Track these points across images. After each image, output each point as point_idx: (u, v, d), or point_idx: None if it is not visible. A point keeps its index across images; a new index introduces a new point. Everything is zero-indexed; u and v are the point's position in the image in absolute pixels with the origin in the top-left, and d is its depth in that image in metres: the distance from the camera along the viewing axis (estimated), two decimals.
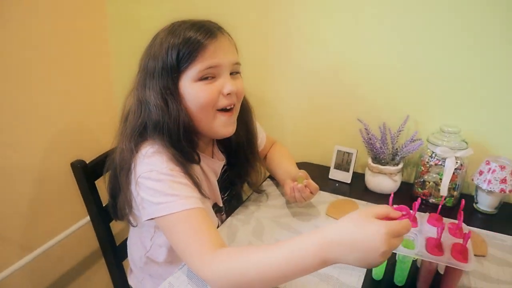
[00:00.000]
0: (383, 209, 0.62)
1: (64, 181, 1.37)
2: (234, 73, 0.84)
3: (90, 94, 1.49)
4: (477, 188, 1.04)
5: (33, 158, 1.30)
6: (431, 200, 1.06)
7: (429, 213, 0.80)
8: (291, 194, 0.94)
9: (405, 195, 1.11)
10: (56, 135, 1.37)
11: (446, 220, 0.79)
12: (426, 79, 1.11)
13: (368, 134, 1.11)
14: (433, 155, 1.04)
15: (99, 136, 1.54)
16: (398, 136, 1.10)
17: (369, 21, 1.13)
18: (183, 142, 0.81)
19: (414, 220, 0.77)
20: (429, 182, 1.05)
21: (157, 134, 0.80)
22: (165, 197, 0.74)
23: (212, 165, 0.94)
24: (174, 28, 0.79)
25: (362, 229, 0.58)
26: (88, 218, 1.07)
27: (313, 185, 0.94)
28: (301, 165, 1.14)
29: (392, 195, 0.77)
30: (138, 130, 0.81)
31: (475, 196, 1.06)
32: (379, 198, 1.09)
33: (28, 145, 1.28)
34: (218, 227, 0.96)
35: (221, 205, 0.98)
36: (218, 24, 0.83)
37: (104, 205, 1.07)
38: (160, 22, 0.84)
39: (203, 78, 0.79)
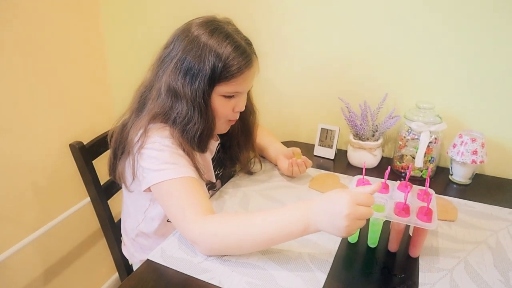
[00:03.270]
0: (362, 188, 0.72)
1: (63, 163, 1.44)
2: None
3: (87, 82, 1.55)
4: (452, 160, 1.11)
5: (34, 142, 1.36)
6: None
7: (400, 181, 0.86)
8: (290, 169, 1.06)
9: (385, 169, 1.17)
10: (56, 121, 1.43)
11: (415, 187, 0.85)
12: (403, 59, 1.16)
13: (350, 112, 1.17)
14: (410, 130, 1.10)
15: (98, 122, 1.60)
16: (377, 113, 1.16)
17: (348, 4, 1.18)
18: (203, 141, 0.90)
19: (385, 187, 0.84)
20: (407, 156, 1.12)
21: (175, 126, 0.87)
22: (165, 165, 0.81)
23: (210, 145, 1.00)
24: (220, 38, 0.83)
25: (332, 198, 0.70)
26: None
27: (309, 161, 1.08)
28: (287, 144, 1.21)
29: (364, 165, 0.84)
30: (161, 115, 0.87)
31: (450, 168, 1.13)
32: (360, 172, 1.14)
33: (26, 131, 1.33)
34: None
35: (214, 181, 1.05)
36: (252, 47, 0.90)
37: (102, 184, 1.15)
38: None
39: (225, 96, 0.88)
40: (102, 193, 1.14)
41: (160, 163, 0.82)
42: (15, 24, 1.23)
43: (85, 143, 1.10)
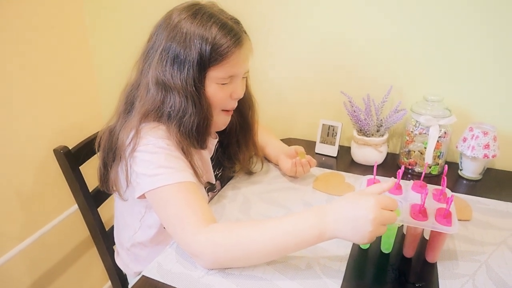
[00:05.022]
0: (375, 187, 0.68)
1: (50, 169, 1.36)
2: (243, 77, 0.88)
3: (73, 83, 1.47)
4: (461, 155, 1.05)
5: (18, 148, 1.28)
6: (417, 169, 1.07)
7: (414, 180, 0.80)
8: (293, 169, 0.99)
9: (391, 166, 1.12)
10: (41, 124, 1.35)
11: (430, 187, 0.79)
12: (407, 49, 1.10)
13: (352, 107, 1.11)
14: (417, 124, 1.04)
15: (85, 125, 1.52)
16: (382, 107, 1.10)
17: None
18: (201, 134, 0.82)
19: (398, 188, 0.78)
20: (414, 152, 1.06)
21: (171, 121, 0.80)
22: (160, 169, 0.74)
23: (208, 143, 0.94)
24: (203, 20, 0.77)
25: (354, 202, 0.65)
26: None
27: (313, 160, 1.02)
28: (287, 141, 1.14)
29: (375, 164, 0.77)
30: (153, 112, 0.80)
31: (460, 163, 1.08)
32: (365, 170, 1.10)
33: (10, 135, 1.25)
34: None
35: (214, 182, 0.99)
36: (241, 25, 0.84)
37: (90, 191, 1.07)
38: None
39: (218, 82, 0.81)
40: (91, 200, 1.06)
41: (154, 167, 0.75)
42: None
43: (71, 148, 1.02)
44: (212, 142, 0.96)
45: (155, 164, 0.75)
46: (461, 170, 1.07)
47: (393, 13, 1.09)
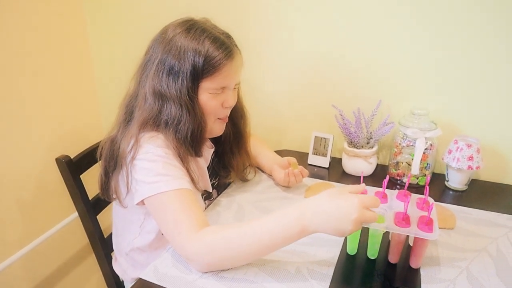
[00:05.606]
0: (358, 187, 0.73)
1: (50, 177, 1.40)
2: (234, 87, 0.92)
3: (73, 92, 1.51)
4: (447, 166, 1.10)
5: (18, 156, 1.31)
6: (405, 179, 1.11)
7: (396, 188, 0.84)
8: (286, 179, 1.04)
9: (381, 177, 1.16)
10: (41, 133, 1.38)
11: (414, 196, 0.83)
12: (396, 65, 1.16)
13: (343, 120, 1.15)
14: (405, 137, 1.09)
15: (84, 133, 1.56)
16: (371, 120, 1.15)
17: (341, 11, 1.17)
18: (196, 140, 0.87)
19: (384, 197, 0.82)
20: (402, 163, 1.10)
21: (168, 129, 0.85)
22: (158, 177, 0.79)
23: (204, 153, 0.98)
24: (197, 34, 0.83)
25: (337, 200, 0.69)
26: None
27: (305, 170, 1.07)
28: (281, 153, 1.19)
29: (362, 174, 0.82)
30: (151, 120, 0.85)
31: (446, 174, 1.12)
32: (355, 180, 1.13)
33: (11, 142, 1.29)
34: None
35: (210, 190, 1.03)
36: (232, 39, 0.90)
37: (90, 199, 1.11)
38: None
39: (211, 92, 0.86)
40: (91, 208, 1.10)
41: (153, 175, 0.80)
42: None
43: (72, 157, 1.06)
44: (208, 152, 1.00)
45: (154, 172, 0.80)
46: (447, 181, 1.12)
47: (382, 31, 1.14)
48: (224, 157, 1.06)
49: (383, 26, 1.14)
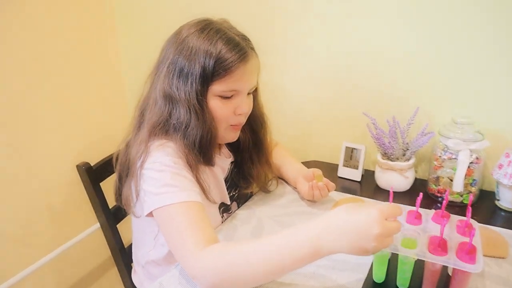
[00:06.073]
0: (394, 210, 0.61)
1: (77, 184, 1.40)
2: (249, 93, 0.87)
3: (103, 99, 1.52)
4: (498, 183, 0.96)
5: (45, 162, 1.33)
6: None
7: (435, 209, 0.74)
8: (310, 192, 0.96)
9: (419, 193, 1.04)
10: (71, 139, 1.40)
11: (454, 218, 0.72)
12: (435, 68, 1.04)
13: (376, 129, 1.05)
14: (446, 149, 0.97)
15: (110, 139, 1.56)
16: (408, 129, 1.04)
17: (377, 11, 1.08)
18: (205, 147, 0.83)
19: (417, 217, 0.72)
20: (443, 178, 0.98)
21: (177, 134, 0.81)
22: (165, 188, 0.75)
23: (220, 162, 0.95)
24: (210, 34, 0.79)
25: (354, 214, 0.60)
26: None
27: (331, 183, 0.97)
28: (309, 164, 1.11)
29: (391, 190, 0.72)
30: (161, 124, 0.82)
31: (496, 192, 0.98)
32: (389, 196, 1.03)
33: (40, 150, 1.31)
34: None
35: (228, 203, 0.97)
36: (250, 42, 0.85)
37: (111, 207, 1.09)
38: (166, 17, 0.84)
39: (222, 96, 0.81)
40: (111, 217, 1.08)
41: (160, 186, 0.76)
42: (19, 26, 1.19)
43: (93, 164, 1.05)
44: (225, 161, 0.95)
45: (161, 182, 0.76)
46: (498, 200, 0.98)
47: (419, 28, 1.04)
48: (244, 167, 1.00)
49: (419, 24, 1.03)
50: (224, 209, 0.98)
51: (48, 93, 1.30)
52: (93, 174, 1.05)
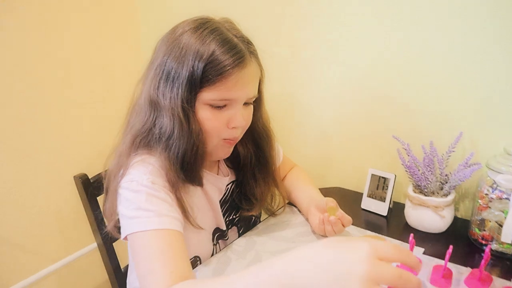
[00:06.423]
0: (409, 258, 0.43)
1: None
2: (247, 104, 0.76)
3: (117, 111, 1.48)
4: None
5: (56, 171, 1.30)
6: (494, 246, 0.79)
7: (472, 268, 0.56)
8: (321, 227, 0.82)
9: (459, 237, 0.86)
10: (83, 148, 1.36)
11: (499, 282, 0.54)
12: (486, 85, 0.86)
13: (409, 156, 0.89)
14: (495, 186, 0.78)
15: None
16: (448, 158, 0.87)
17: (406, 10, 0.93)
18: (189, 163, 0.73)
19: (446, 276, 0.55)
20: (490, 222, 0.79)
21: (158, 146, 0.72)
22: (139, 211, 0.66)
23: (216, 182, 0.84)
24: (204, 34, 0.69)
25: (337, 247, 0.43)
26: None
27: (347, 217, 0.82)
28: (330, 191, 0.97)
29: (411, 239, 0.56)
30: (144, 134, 0.73)
31: None
32: (421, 238, 0.85)
33: (55, 158, 1.28)
34: (212, 255, 0.83)
35: (224, 228, 0.86)
36: (251, 46, 0.74)
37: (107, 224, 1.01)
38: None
39: (213, 105, 0.71)
40: (106, 234, 1.00)
41: (133, 209, 0.67)
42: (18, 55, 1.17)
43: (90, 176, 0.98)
44: (222, 181, 0.84)
45: (135, 204, 0.67)
46: None
47: (464, 39, 0.87)
48: (246, 186, 0.88)
49: (464, 35, 0.87)
50: (220, 235, 0.86)
51: (67, 99, 1.28)
52: (90, 187, 0.98)
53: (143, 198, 0.67)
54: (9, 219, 1.21)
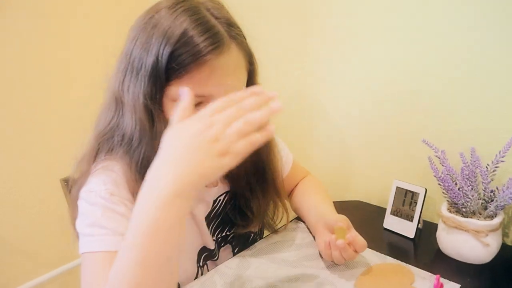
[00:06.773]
0: None
1: None
2: None
3: None
4: None
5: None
6: None
7: None
8: (327, 252, 0.69)
9: (508, 271, 0.68)
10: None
11: None
12: None
13: (443, 166, 0.72)
14: None
15: None
16: (494, 170, 0.70)
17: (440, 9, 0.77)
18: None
19: None
20: None
21: (121, 150, 0.62)
22: (93, 228, 0.59)
23: (199, 194, 0.72)
24: (176, 13, 0.57)
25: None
26: None
27: (360, 241, 0.67)
28: (349, 204, 0.84)
29: (437, 279, 0.40)
30: (107, 135, 0.64)
31: None
32: (458, 269, 0.68)
33: (56, 165, 1.25)
34: (196, 278, 0.71)
35: (212, 247, 0.74)
36: (234, 29, 0.60)
37: None
38: None
39: None
40: None
41: (88, 224, 0.60)
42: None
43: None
44: (208, 193, 0.73)
45: (90, 219, 0.61)
46: None
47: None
48: (240, 198, 0.76)
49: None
50: (208, 255, 0.74)
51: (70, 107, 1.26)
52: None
53: (99, 212, 0.59)
54: (9, 219, 1.20)
